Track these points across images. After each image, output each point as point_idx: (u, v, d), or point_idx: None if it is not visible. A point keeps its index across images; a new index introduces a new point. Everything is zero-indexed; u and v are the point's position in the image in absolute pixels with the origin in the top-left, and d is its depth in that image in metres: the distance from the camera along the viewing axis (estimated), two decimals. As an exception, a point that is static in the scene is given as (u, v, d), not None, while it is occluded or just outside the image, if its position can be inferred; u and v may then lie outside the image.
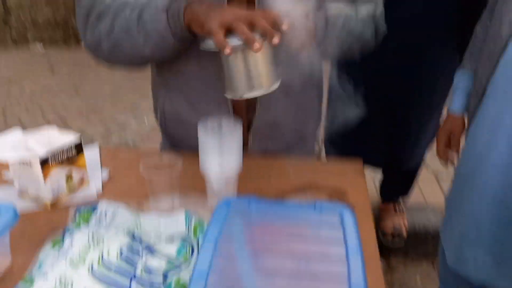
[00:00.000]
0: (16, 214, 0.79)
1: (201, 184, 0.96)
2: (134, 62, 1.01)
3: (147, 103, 3.45)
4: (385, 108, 1.79)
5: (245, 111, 1.09)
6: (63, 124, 3.16)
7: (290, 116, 1.12)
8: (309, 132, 1.22)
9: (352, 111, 1.29)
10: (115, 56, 0.98)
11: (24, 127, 3.06)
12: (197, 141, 0.94)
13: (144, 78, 4.03)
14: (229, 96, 0.87)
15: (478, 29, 1.26)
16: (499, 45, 1.04)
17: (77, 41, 4.51)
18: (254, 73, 0.83)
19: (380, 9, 1.09)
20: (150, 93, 1.20)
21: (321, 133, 1.38)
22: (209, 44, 0.83)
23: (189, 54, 1.01)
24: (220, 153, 0.91)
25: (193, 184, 0.98)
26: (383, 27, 1.11)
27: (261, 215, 0.81)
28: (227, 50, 0.79)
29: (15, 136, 1.05)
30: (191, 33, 0.90)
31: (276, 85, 0.86)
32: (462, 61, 1.30)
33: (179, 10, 0.87)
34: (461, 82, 1.28)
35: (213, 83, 1.03)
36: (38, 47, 4.41)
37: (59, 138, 1.02)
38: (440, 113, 1.85)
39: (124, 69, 1.09)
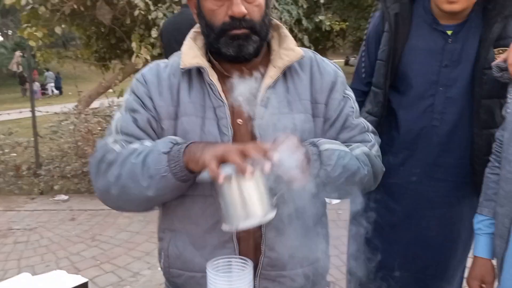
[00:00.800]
0: None
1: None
2: (140, 205, 1.04)
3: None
4: (409, 260, 1.73)
5: (252, 253, 1.06)
6: (75, 274, 3.09)
7: (296, 257, 1.08)
8: (318, 274, 1.17)
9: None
10: (123, 200, 1.02)
11: (36, 276, 2.99)
12: (200, 286, 0.90)
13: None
14: (226, 227, 0.86)
15: (489, 174, 1.29)
16: None
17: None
18: (248, 201, 0.83)
19: (375, 149, 1.14)
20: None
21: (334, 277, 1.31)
22: (204, 175, 0.87)
23: (195, 199, 1.04)
24: (230, 296, 0.87)
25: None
26: (381, 166, 1.14)
27: None
28: (220, 179, 0.82)
29: (24, 280, 1.03)
30: (190, 172, 0.93)
31: (271, 215, 0.86)
32: (478, 207, 1.31)
33: (179, 151, 0.93)
34: (482, 227, 1.27)
35: (219, 226, 1.03)
36: (62, 197, 4.58)
37: (67, 282, 0.99)
38: (465, 259, 1.77)
39: (133, 212, 1.12)
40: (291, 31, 7.62)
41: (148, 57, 5.34)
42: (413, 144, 1.62)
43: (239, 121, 1.06)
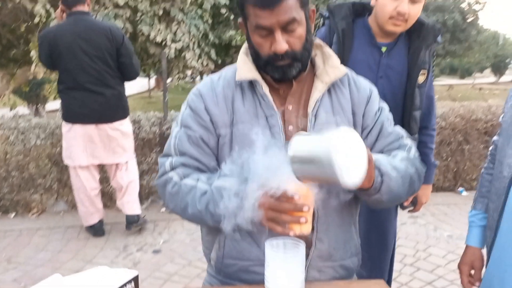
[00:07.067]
0: None
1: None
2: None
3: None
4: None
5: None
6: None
7: (339, 251, 1.26)
8: (353, 267, 1.33)
9: None
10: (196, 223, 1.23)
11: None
12: (252, 274, 1.09)
13: (81, 239, 3.90)
14: None
15: (484, 174, 1.48)
16: (503, 184, 1.23)
17: (5, 211, 4.28)
18: None
19: (413, 151, 1.30)
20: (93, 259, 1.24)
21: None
22: None
23: None
24: (284, 269, 1.01)
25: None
26: (421, 166, 1.31)
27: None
28: None
29: (55, 281, 1.04)
30: None
31: None
32: (473, 202, 1.50)
33: None
34: (475, 220, 1.46)
35: None
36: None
37: (113, 277, 1.03)
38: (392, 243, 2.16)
39: None
40: (198, 44, 7.80)
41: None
42: None
43: (290, 127, 1.21)
